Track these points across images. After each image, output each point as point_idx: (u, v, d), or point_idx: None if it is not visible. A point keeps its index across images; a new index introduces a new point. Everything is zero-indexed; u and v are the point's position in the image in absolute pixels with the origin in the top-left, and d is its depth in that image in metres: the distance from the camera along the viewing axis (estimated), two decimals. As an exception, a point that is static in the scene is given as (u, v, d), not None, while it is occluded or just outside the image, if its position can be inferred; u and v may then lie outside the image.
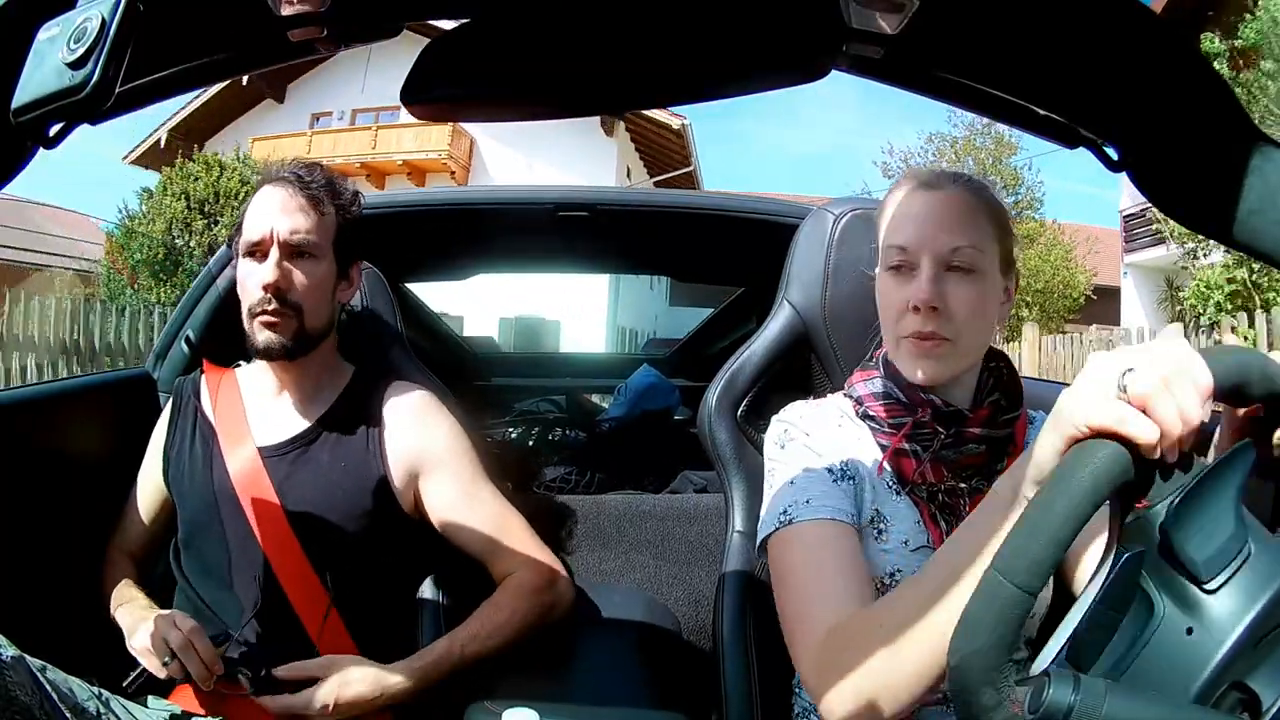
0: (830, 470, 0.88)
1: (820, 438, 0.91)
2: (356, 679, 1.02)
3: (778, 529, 0.85)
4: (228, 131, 15.03)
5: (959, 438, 0.87)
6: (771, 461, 0.93)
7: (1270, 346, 5.55)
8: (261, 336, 1.12)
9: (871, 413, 0.91)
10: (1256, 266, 6.11)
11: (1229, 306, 6.34)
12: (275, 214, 1.12)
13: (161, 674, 1.01)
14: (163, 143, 14.79)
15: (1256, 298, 6.19)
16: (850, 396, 0.94)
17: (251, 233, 1.12)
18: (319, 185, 1.15)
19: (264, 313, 1.11)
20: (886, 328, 0.89)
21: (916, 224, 0.86)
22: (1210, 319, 6.26)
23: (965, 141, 13.09)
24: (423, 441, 1.17)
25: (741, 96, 0.68)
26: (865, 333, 1.05)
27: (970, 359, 0.89)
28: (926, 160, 13.08)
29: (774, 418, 0.96)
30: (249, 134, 14.42)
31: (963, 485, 0.87)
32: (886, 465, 0.88)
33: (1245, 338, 5.84)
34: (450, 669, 1.06)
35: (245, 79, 14.19)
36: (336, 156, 13.91)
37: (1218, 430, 0.69)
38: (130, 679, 1.01)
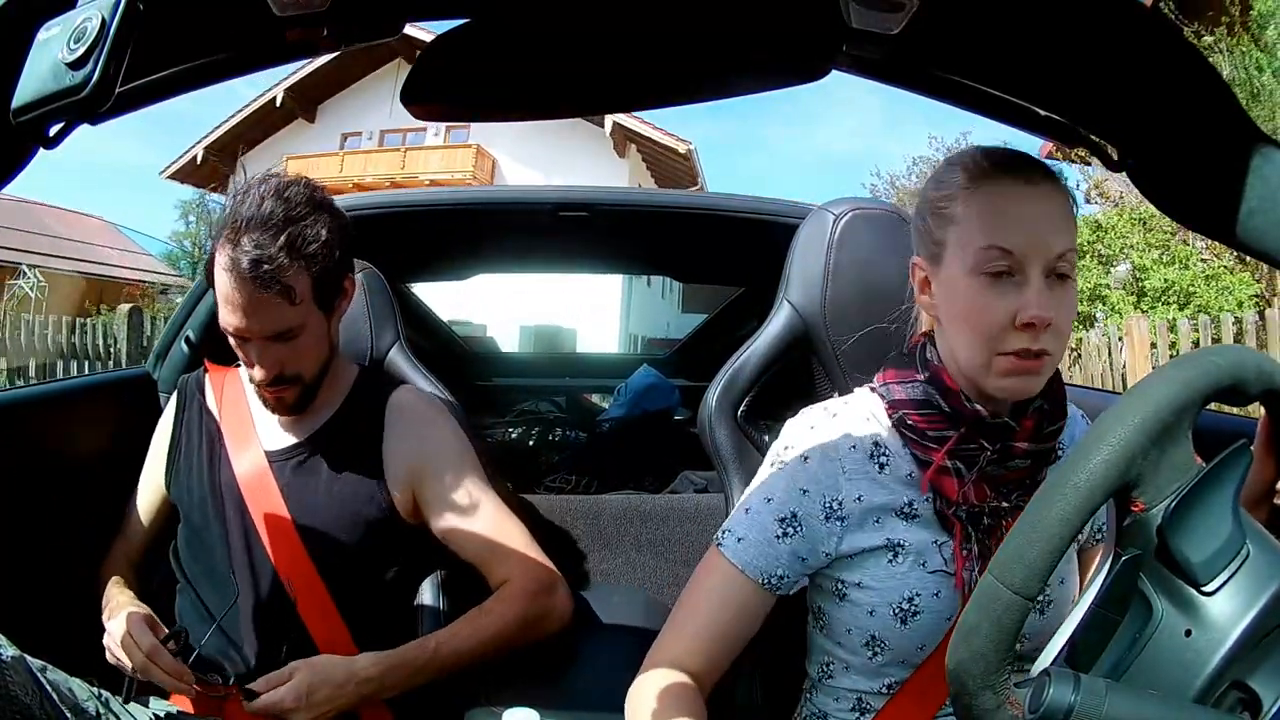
0: (794, 517, 0.83)
1: (822, 463, 0.84)
2: (324, 666, 1.02)
3: (713, 543, 0.86)
4: (261, 149, 15.76)
5: (1005, 453, 0.80)
6: (762, 469, 0.90)
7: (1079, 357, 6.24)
8: (268, 405, 1.14)
9: (910, 422, 0.82)
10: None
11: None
12: (243, 314, 1.03)
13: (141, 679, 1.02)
14: (199, 159, 15.68)
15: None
16: (884, 398, 0.85)
17: (226, 322, 1.05)
18: (279, 264, 1.01)
19: (265, 389, 1.10)
20: (977, 338, 0.78)
21: (1026, 226, 0.76)
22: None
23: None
24: (423, 448, 1.16)
25: (742, 96, 0.68)
26: (865, 333, 1.05)
27: (1053, 369, 0.81)
28: (911, 184, 12.91)
29: (790, 420, 0.90)
30: (281, 152, 15.21)
31: (1005, 504, 0.81)
32: (925, 488, 0.82)
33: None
34: (423, 664, 1.04)
35: (279, 99, 15.23)
36: (367, 176, 14.90)
37: (1257, 430, 0.68)
38: (125, 690, 1.01)
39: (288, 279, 1.02)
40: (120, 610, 1.06)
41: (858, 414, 0.87)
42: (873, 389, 0.88)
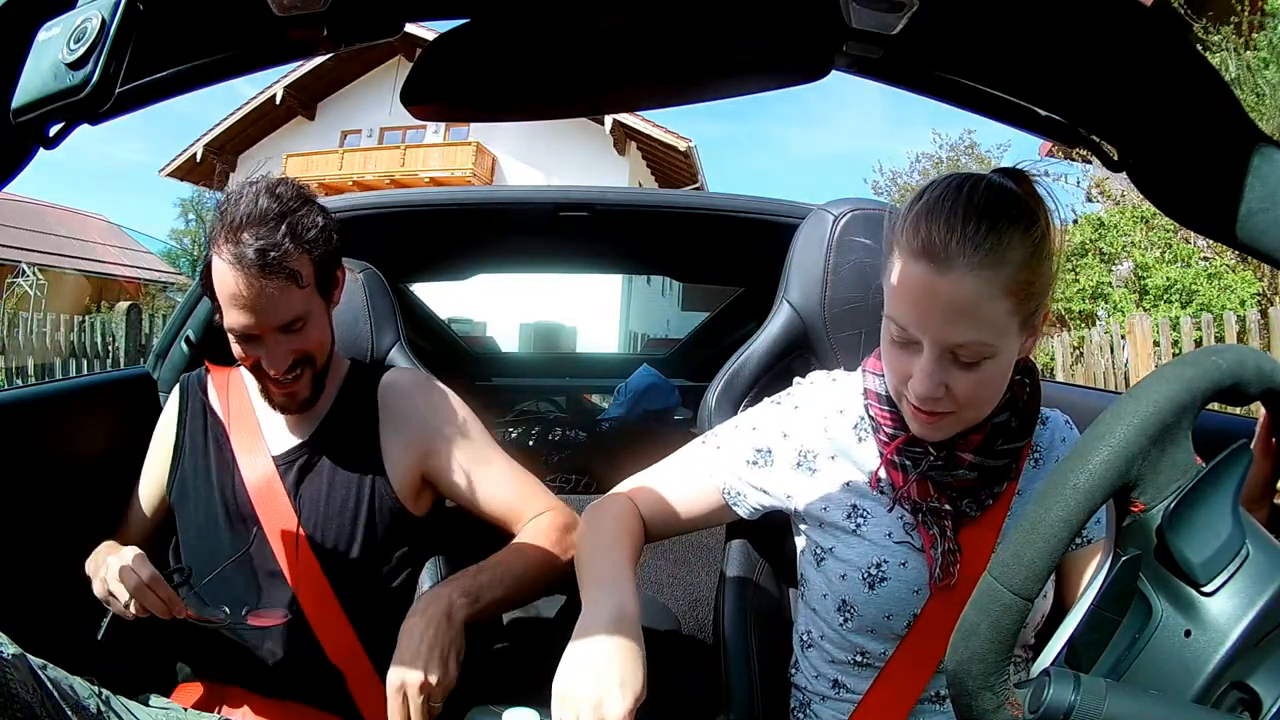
0: (769, 452, 0.93)
1: (809, 417, 0.92)
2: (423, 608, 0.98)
3: (699, 441, 1.00)
4: (260, 147, 15.94)
5: (951, 460, 0.84)
6: (764, 402, 0.98)
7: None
8: (279, 401, 1.12)
9: (872, 413, 0.88)
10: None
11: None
12: (256, 309, 1.02)
13: (128, 616, 1.00)
14: (199, 157, 15.87)
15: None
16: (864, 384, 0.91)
17: (234, 323, 1.03)
18: (285, 250, 1.01)
19: (278, 382, 1.08)
20: (889, 376, 0.84)
21: (919, 309, 0.76)
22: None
23: (950, 162, 12.75)
24: (421, 424, 1.16)
25: (742, 96, 0.68)
26: (865, 333, 1.05)
27: (980, 419, 0.83)
28: (914, 181, 12.83)
29: (796, 377, 0.99)
30: (281, 150, 15.42)
31: (947, 507, 0.85)
32: (881, 471, 0.87)
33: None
34: (494, 584, 1.04)
35: (279, 97, 15.40)
36: (367, 174, 15.14)
37: (1256, 430, 0.68)
38: (102, 629, 1.01)
39: (293, 264, 1.03)
40: (119, 550, 1.04)
41: (855, 387, 0.93)
42: None
